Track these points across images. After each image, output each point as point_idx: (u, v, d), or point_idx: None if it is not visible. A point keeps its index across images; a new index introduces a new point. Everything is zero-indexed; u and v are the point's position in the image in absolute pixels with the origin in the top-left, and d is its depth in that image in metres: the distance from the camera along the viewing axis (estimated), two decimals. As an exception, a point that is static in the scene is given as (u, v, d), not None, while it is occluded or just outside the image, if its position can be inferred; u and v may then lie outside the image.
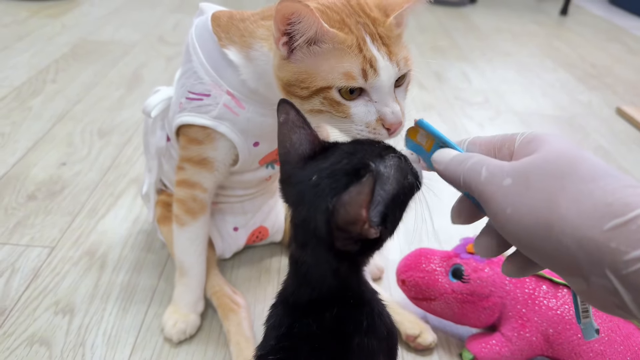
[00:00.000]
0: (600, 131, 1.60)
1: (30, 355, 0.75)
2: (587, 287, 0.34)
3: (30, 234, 0.98)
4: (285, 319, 0.48)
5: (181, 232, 0.79)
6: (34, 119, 1.39)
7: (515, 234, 0.36)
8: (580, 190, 0.34)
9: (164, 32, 2.15)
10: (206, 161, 0.73)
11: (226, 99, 0.67)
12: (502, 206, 0.37)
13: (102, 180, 1.16)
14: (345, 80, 0.55)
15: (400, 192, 0.45)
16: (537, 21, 2.86)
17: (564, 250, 0.33)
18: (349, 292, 0.47)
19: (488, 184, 0.38)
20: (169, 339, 0.78)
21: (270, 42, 0.61)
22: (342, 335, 0.45)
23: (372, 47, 0.55)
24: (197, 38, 0.69)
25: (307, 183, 0.44)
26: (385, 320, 0.49)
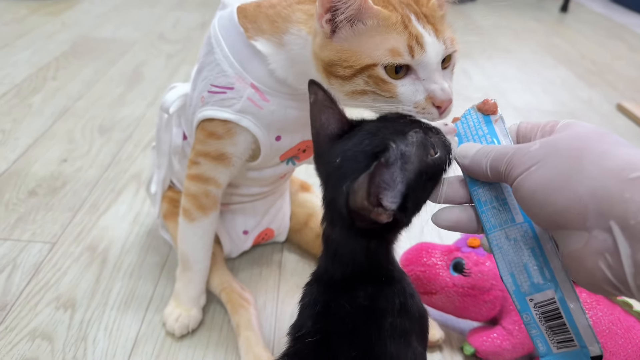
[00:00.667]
0: (600, 127, 1.60)
1: (32, 349, 0.75)
2: (584, 243, 0.35)
3: (32, 230, 0.98)
4: (320, 297, 0.48)
5: (190, 228, 0.78)
6: (35, 115, 1.39)
7: (533, 189, 0.37)
8: (604, 151, 0.36)
9: (164, 30, 2.15)
10: (224, 156, 0.71)
11: (250, 92, 0.66)
12: (526, 165, 0.38)
13: (102, 176, 1.16)
14: (392, 57, 0.53)
15: (423, 169, 0.44)
16: (537, 18, 2.86)
17: (576, 200, 0.35)
18: (379, 270, 0.47)
19: (515, 155, 0.40)
20: (171, 334, 0.79)
21: (309, 25, 0.60)
22: (375, 314, 0.46)
23: (417, 24, 0.54)
24: (221, 30, 0.68)
25: (333, 164, 0.46)
26: (416, 301, 0.49)
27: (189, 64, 1.82)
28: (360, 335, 0.45)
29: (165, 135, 0.82)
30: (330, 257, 0.49)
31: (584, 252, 0.35)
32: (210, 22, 0.72)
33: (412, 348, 0.46)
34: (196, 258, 0.79)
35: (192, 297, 0.80)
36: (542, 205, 0.37)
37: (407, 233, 1.02)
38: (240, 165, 0.74)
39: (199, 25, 2.24)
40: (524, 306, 0.42)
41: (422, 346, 0.49)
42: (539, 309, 0.41)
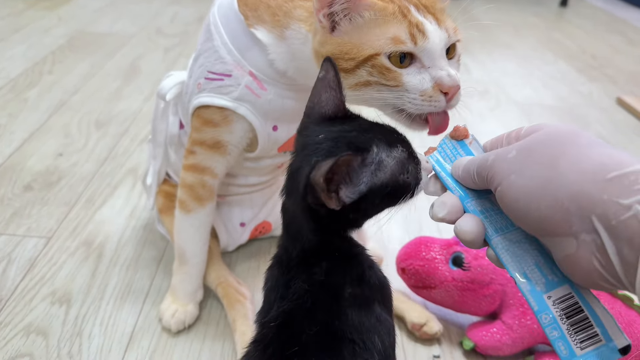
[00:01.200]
0: (600, 121, 1.59)
1: (27, 345, 0.74)
2: (575, 248, 0.35)
3: (27, 225, 0.97)
4: (281, 279, 0.49)
5: (186, 219, 0.77)
6: (31, 110, 1.38)
7: (515, 197, 0.38)
8: (579, 153, 0.36)
9: (161, 24, 2.14)
10: (220, 144, 0.70)
11: (248, 80, 0.65)
12: (506, 173, 0.39)
13: (99, 171, 1.15)
14: (394, 45, 0.52)
15: (391, 184, 0.45)
16: (537, 13, 2.84)
17: (558, 206, 0.35)
18: (332, 246, 0.48)
19: (495, 162, 0.41)
20: (167, 329, 0.78)
21: (309, 22, 0.60)
22: (333, 288, 0.46)
23: (416, 14, 0.54)
24: (220, 17, 0.67)
25: (314, 138, 0.46)
26: (376, 271, 0.50)
27: (186, 57, 1.81)
28: (320, 310, 0.45)
29: (161, 124, 0.81)
30: (285, 231, 0.50)
31: (577, 256, 0.36)
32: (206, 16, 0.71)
33: (375, 315, 0.47)
34: (192, 251, 0.78)
35: (188, 292, 0.79)
36: (526, 213, 0.38)
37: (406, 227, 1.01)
38: (237, 154, 0.73)
39: (196, 20, 2.22)
40: (543, 306, 0.40)
41: (387, 313, 0.49)
42: (558, 306, 0.40)
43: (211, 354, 0.75)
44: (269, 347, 0.45)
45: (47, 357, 0.72)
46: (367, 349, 0.45)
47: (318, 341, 0.44)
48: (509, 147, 0.41)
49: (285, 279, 0.48)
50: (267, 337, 0.46)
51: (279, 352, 0.44)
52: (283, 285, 0.48)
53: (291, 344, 0.44)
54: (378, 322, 0.47)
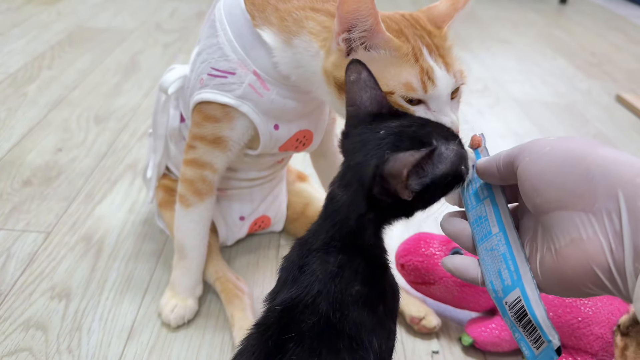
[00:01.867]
0: (600, 118, 1.59)
1: (26, 339, 0.74)
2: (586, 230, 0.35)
3: (26, 220, 0.97)
4: (297, 262, 0.50)
5: (186, 214, 0.77)
6: (30, 105, 1.38)
7: (545, 165, 0.38)
8: (613, 150, 0.37)
9: (160, 20, 2.13)
10: (220, 140, 0.70)
11: (252, 78, 0.66)
12: (542, 147, 0.39)
13: (98, 166, 1.14)
14: (406, 91, 0.55)
15: (450, 175, 0.47)
16: (536, 10, 2.84)
17: (589, 178, 0.36)
18: (361, 241, 0.49)
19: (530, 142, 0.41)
20: (166, 324, 0.78)
21: (322, 38, 0.60)
22: (342, 280, 0.47)
23: (428, 58, 0.57)
24: (226, 14, 0.67)
25: (374, 134, 0.48)
26: (389, 277, 0.50)
27: (185, 53, 1.81)
28: (324, 301, 0.46)
29: (162, 117, 0.81)
30: (326, 214, 0.51)
31: (585, 240, 0.35)
32: (206, 11, 0.71)
33: (377, 317, 0.47)
34: (192, 246, 0.78)
35: (188, 287, 0.79)
36: (551, 183, 0.38)
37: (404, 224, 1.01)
38: (238, 150, 0.73)
39: (195, 15, 2.22)
40: (504, 311, 0.43)
41: (391, 319, 0.50)
42: (512, 310, 0.42)
43: (211, 348, 0.75)
44: (268, 330, 0.46)
45: (46, 351, 0.72)
46: (364, 347, 0.45)
47: (316, 331, 0.45)
48: None
49: (301, 263, 0.49)
50: (269, 321, 0.47)
51: (276, 336, 0.45)
52: (298, 268, 0.49)
53: (289, 330, 0.45)
54: (379, 325, 0.47)
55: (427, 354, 0.77)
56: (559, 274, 0.38)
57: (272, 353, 0.45)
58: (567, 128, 1.51)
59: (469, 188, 0.50)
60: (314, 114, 0.74)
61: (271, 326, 0.46)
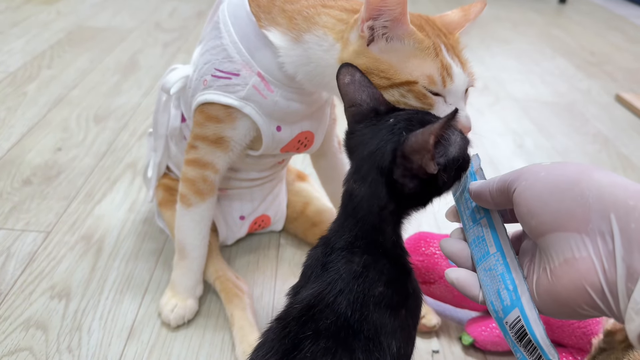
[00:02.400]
0: (599, 118, 1.60)
1: (26, 339, 0.74)
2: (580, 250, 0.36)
3: (26, 219, 0.97)
4: (321, 259, 0.50)
5: (186, 213, 0.77)
6: (29, 104, 1.38)
7: (541, 189, 0.39)
8: (610, 173, 0.38)
9: (160, 19, 2.13)
10: (222, 140, 0.71)
11: (256, 80, 0.66)
12: (536, 172, 0.41)
13: (98, 165, 1.14)
14: (428, 83, 0.56)
15: (459, 158, 0.48)
16: (536, 9, 2.84)
17: (582, 200, 0.37)
18: (383, 239, 0.49)
19: (525, 168, 0.43)
20: (166, 324, 0.78)
21: (337, 30, 0.61)
22: (365, 281, 0.47)
23: (447, 55, 0.58)
24: (230, 15, 0.67)
25: (384, 123, 0.49)
26: (412, 280, 0.50)
27: (185, 52, 1.81)
28: (344, 301, 0.46)
29: (163, 117, 0.81)
30: (346, 213, 0.50)
31: (579, 260, 0.36)
32: (207, 11, 0.71)
33: (398, 321, 0.47)
34: (192, 245, 0.78)
35: (188, 287, 0.79)
36: (547, 203, 0.39)
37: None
38: (239, 151, 0.73)
39: (195, 14, 2.21)
40: (505, 330, 0.43)
41: (412, 325, 0.50)
42: (512, 329, 0.43)
43: (211, 347, 0.75)
44: (287, 326, 0.46)
45: (46, 351, 0.72)
46: (382, 349, 0.45)
47: (333, 330, 0.45)
48: None
49: (325, 261, 0.49)
50: (290, 317, 0.47)
51: (294, 333, 0.45)
52: (321, 266, 0.49)
53: (307, 328, 0.45)
54: (400, 328, 0.47)
55: (428, 353, 0.77)
56: (553, 294, 0.39)
57: (289, 350, 0.45)
58: (567, 127, 1.52)
59: (465, 208, 0.50)
60: (316, 116, 0.74)
61: (290, 323, 0.46)
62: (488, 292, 0.45)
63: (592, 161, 1.34)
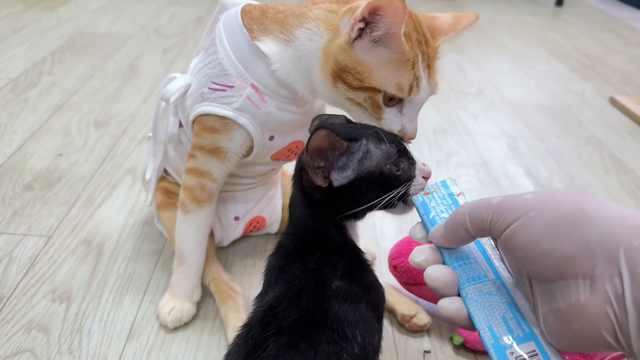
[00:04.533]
0: (593, 121, 1.61)
1: (28, 340, 0.76)
2: (588, 294, 0.34)
3: (28, 224, 0.99)
4: (278, 263, 0.53)
5: (185, 220, 0.79)
6: (31, 110, 1.40)
7: (536, 235, 0.36)
8: (603, 203, 0.36)
9: (159, 25, 2.16)
10: (219, 150, 0.73)
11: (250, 91, 0.68)
12: (523, 211, 0.37)
13: (98, 170, 1.17)
14: (395, 90, 0.59)
15: (376, 172, 0.50)
16: (532, 12, 2.86)
17: (584, 245, 0.34)
18: (329, 239, 0.51)
19: (505, 201, 0.39)
20: (164, 326, 0.80)
21: (328, 21, 0.63)
22: (321, 277, 0.49)
23: (421, 66, 0.60)
24: (225, 30, 0.70)
25: (314, 130, 0.51)
26: (370, 274, 0.53)
27: (184, 58, 1.83)
28: (305, 297, 0.48)
29: (162, 123, 0.83)
30: (289, 220, 0.54)
31: (587, 304, 0.34)
32: (206, 17, 0.74)
33: (359, 312, 0.49)
34: (190, 251, 0.80)
35: (186, 291, 0.81)
36: (546, 251, 0.36)
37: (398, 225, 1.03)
38: (236, 160, 0.75)
39: (194, 20, 2.24)
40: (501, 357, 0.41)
41: (375, 317, 0.51)
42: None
43: (208, 349, 0.77)
44: (252, 329, 0.49)
45: (47, 352, 0.74)
46: (347, 339, 0.47)
47: (296, 326, 0.47)
48: (518, 193, 0.40)
49: (282, 264, 0.52)
50: (254, 320, 0.50)
51: (258, 334, 0.47)
52: (279, 269, 0.52)
53: (270, 327, 0.47)
54: (362, 319, 0.49)
55: (419, 353, 0.78)
56: (564, 335, 0.37)
57: (252, 351, 0.46)
58: (560, 130, 1.53)
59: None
60: (308, 125, 0.76)
61: (254, 326, 0.49)
62: (484, 315, 0.42)
63: (584, 164, 1.36)
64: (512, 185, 1.23)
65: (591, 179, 1.29)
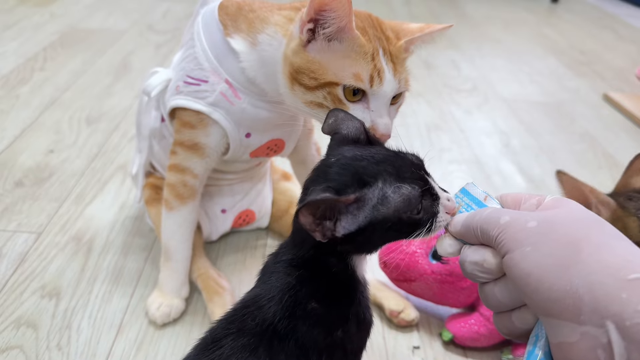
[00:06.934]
0: (586, 117, 1.62)
1: (17, 337, 0.76)
2: (577, 338, 0.34)
3: (18, 220, 0.98)
4: (269, 268, 0.51)
5: (169, 217, 0.79)
6: (22, 107, 1.39)
7: (527, 271, 0.36)
8: (603, 243, 0.35)
9: (152, 20, 2.15)
10: (198, 146, 0.73)
11: (223, 87, 0.68)
12: (521, 243, 0.37)
13: (89, 167, 1.16)
14: (354, 81, 0.58)
15: (394, 220, 0.44)
16: (528, 9, 2.86)
17: (572, 291, 0.34)
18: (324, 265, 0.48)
19: (510, 226, 0.39)
20: (153, 322, 0.80)
21: (285, 28, 0.64)
22: (298, 295, 0.47)
23: (382, 59, 0.60)
24: (203, 25, 0.70)
25: (328, 160, 0.47)
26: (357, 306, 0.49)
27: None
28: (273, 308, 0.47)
29: (146, 118, 0.84)
30: (292, 235, 0.52)
31: (575, 346, 0.34)
32: (198, 12, 0.74)
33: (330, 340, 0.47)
34: (176, 248, 0.80)
35: (174, 288, 0.81)
36: (535, 290, 0.36)
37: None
38: (216, 157, 0.76)
39: (187, 16, 2.21)
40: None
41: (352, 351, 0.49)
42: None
43: (197, 346, 0.77)
44: (218, 324, 0.49)
45: (36, 349, 0.74)
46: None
47: (257, 331, 0.46)
48: (528, 214, 0.39)
49: (272, 269, 0.51)
50: (223, 317, 0.49)
51: (219, 331, 0.47)
52: (269, 272, 0.51)
53: (233, 326, 0.47)
54: (333, 348, 0.47)
55: (408, 349, 0.79)
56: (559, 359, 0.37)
57: (207, 344, 0.47)
58: (554, 127, 1.54)
59: None
60: (287, 125, 0.76)
61: (220, 321, 0.49)
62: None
63: (577, 160, 1.36)
64: (504, 182, 1.23)
65: (584, 175, 1.29)
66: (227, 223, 0.93)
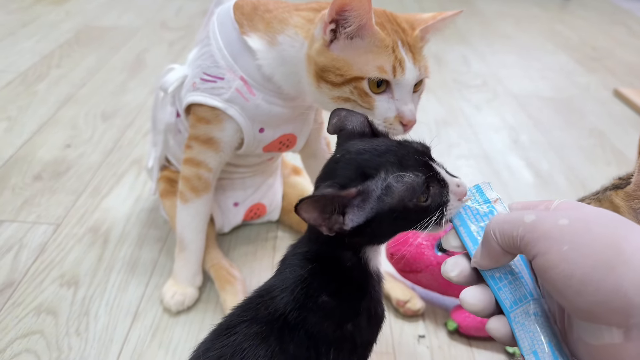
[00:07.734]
0: (596, 113, 1.62)
1: (37, 323, 0.79)
2: (622, 340, 0.33)
3: (37, 212, 1.02)
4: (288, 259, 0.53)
5: (183, 209, 0.82)
6: (40, 103, 1.43)
7: (568, 273, 0.34)
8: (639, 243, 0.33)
9: (166, 18, 2.18)
10: (212, 141, 0.76)
11: (239, 84, 0.71)
12: (556, 242, 0.35)
13: (105, 161, 1.19)
14: (379, 73, 0.61)
15: (399, 208, 0.44)
16: (540, 5, 2.85)
17: (620, 294, 0.32)
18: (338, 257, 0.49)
19: (539, 224, 0.36)
20: (167, 310, 0.83)
21: (306, 29, 0.66)
22: (308, 287, 0.49)
23: (402, 50, 0.63)
24: (219, 24, 0.73)
25: (335, 157, 0.49)
26: (368, 301, 0.50)
27: (190, 51, 1.84)
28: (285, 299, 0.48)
29: (161, 113, 0.86)
30: (308, 229, 0.53)
31: (622, 349, 0.33)
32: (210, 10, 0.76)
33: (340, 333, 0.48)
34: (190, 239, 0.83)
35: (188, 277, 0.84)
36: (579, 293, 0.33)
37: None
38: (230, 152, 0.78)
39: (200, 13, 2.26)
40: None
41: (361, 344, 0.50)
42: None
43: (209, 333, 0.80)
44: (234, 311, 0.51)
45: (56, 334, 0.77)
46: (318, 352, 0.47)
47: (272, 320, 0.48)
48: (554, 212, 0.37)
49: (289, 261, 0.52)
50: (239, 304, 0.51)
51: (235, 318, 0.50)
52: (287, 264, 0.52)
53: (247, 314, 0.49)
54: (342, 341, 0.48)
55: (414, 338, 0.81)
56: None
57: (222, 331, 0.49)
58: (563, 123, 1.54)
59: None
60: (299, 120, 0.79)
61: (237, 308, 0.51)
62: (530, 340, 0.40)
63: (586, 156, 1.36)
64: (512, 177, 1.25)
65: (592, 171, 1.30)
66: (239, 216, 0.96)
